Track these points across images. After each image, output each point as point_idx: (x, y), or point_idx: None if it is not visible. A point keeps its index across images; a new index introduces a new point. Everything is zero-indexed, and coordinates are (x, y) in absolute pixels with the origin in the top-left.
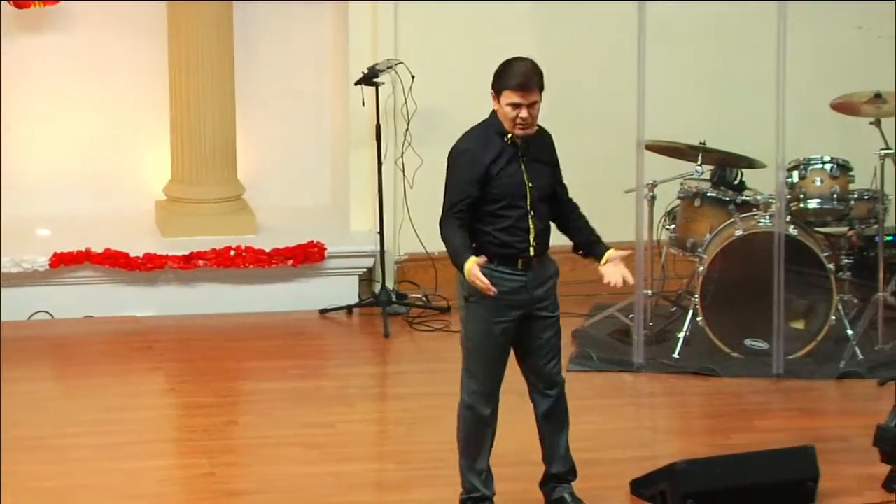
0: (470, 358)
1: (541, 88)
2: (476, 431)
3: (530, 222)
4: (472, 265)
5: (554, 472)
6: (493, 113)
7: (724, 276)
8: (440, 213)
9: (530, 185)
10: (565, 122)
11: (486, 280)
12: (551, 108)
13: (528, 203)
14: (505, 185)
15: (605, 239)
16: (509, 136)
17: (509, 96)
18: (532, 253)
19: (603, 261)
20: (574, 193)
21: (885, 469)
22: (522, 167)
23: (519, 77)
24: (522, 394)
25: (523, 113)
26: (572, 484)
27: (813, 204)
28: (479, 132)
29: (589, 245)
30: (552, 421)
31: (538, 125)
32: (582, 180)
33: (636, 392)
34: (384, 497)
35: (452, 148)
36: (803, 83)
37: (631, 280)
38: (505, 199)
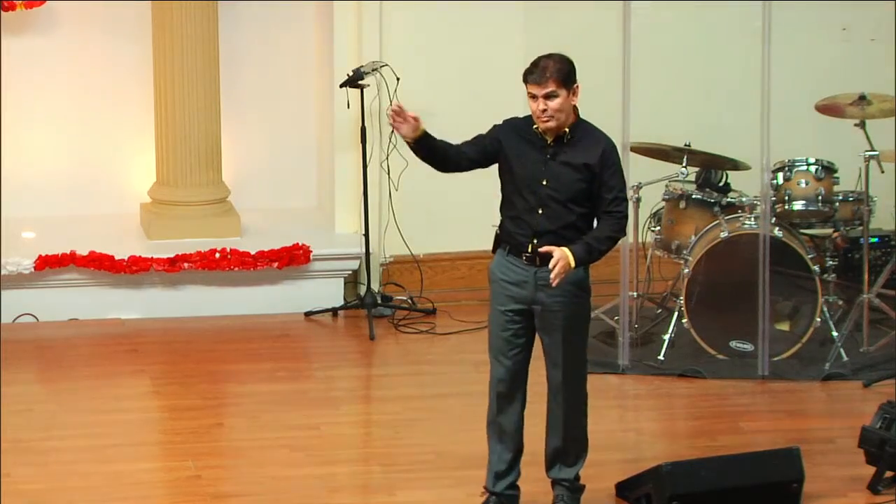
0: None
1: (563, 81)
2: (494, 417)
3: (536, 219)
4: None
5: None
6: None
7: (710, 277)
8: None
9: (545, 182)
10: None
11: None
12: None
13: (537, 199)
14: (518, 173)
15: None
16: (536, 127)
17: (528, 89)
18: (532, 250)
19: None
20: None
21: (870, 470)
22: (545, 162)
23: (532, 68)
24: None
25: (541, 105)
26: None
27: (798, 206)
28: (527, 118)
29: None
30: (548, 420)
31: (600, 133)
32: None
33: (621, 394)
34: (369, 499)
35: None
36: (788, 85)
37: (554, 280)
38: (515, 186)
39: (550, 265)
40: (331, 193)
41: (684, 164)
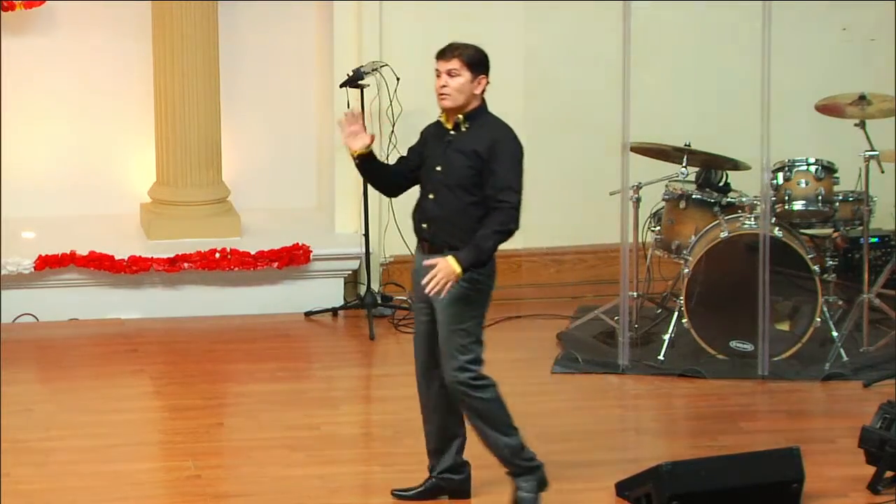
0: None
1: (468, 63)
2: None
3: (428, 204)
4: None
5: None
6: None
7: (710, 277)
8: None
9: (438, 168)
10: (550, 123)
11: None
12: (537, 109)
13: (431, 185)
14: (425, 163)
15: (591, 241)
16: (440, 115)
17: (435, 66)
18: (423, 237)
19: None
20: (559, 195)
21: (870, 470)
22: (442, 150)
23: (444, 47)
24: None
25: (442, 80)
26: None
27: (798, 205)
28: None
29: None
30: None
31: (501, 125)
32: (566, 182)
33: (621, 394)
34: (369, 500)
35: None
36: (788, 85)
37: (430, 288)
38: (421, 175)
39: (427, 277)
40: (331, 193)
41: (684, 164)
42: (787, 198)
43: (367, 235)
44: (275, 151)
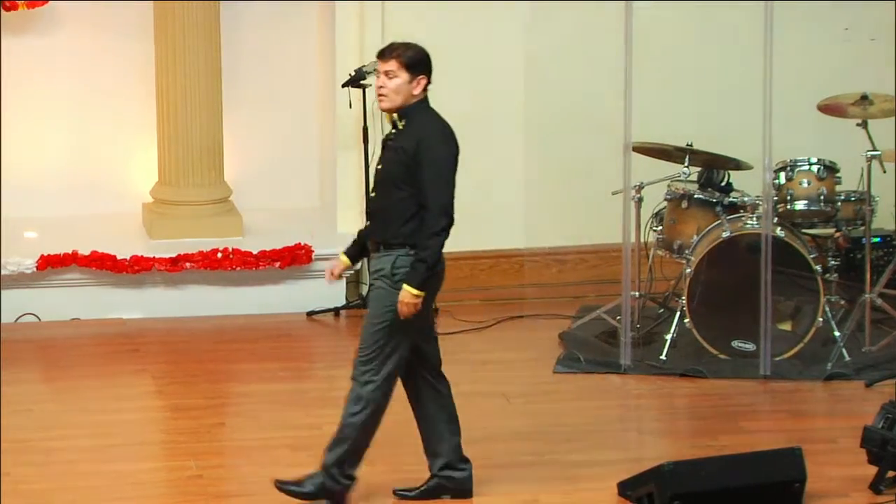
0: None
1: (406, 64)
2: None
3: (371, 200)
4: None
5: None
6: None
7: (712, 277)
8: None
9: (379, 166)
10: (552, 123)
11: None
12: (539, 109)
13: (374, 182)
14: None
15: (593, 241)
16: (387, 116)
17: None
18: (368, 233)
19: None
20: (560, 195)
21: (872, 470)
22: (384, 149)
23: (383, 48)
24: None
25: (380, 81)
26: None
27: (800, 205)
28: None
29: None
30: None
31: (433, 125)
32: (568, 182)
33: (623, 394)
34: (372, 501)
35: None
36: (790, 84)
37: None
38: None
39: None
40: (333, 193)
41: (686, 164)
42: (789, 197)
43: None
44: (276, 151)
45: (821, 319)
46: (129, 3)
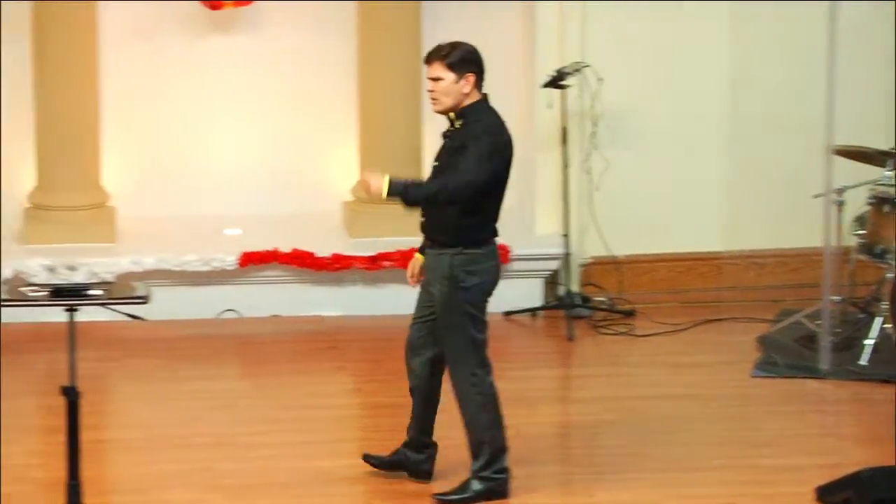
0: None
1: (449, 65)
2: None
3: None
4: None
5: None
6: None
7: None
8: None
9: (436, 163)
10: (755, 122)
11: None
12: (742, 108)
13: (429, 178)
14: None
15: (793, 244)
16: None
17: None
18: (422, 229)
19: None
20: (760, 196)
21: None
22: (442, 146)
23: (428, 52)
24: None
25: (429, 86)
26: None
27: None
28: None
29: None
30: None
31: (484, 119)
32: (769, 183)
33: (822, 399)
34: (569, 500)
35: None
36: None
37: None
38: None
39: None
40: (531, 194)
41: (890, 168)
42: None
43: (567, 236)
44: None
45: None
46: (332, 2)
